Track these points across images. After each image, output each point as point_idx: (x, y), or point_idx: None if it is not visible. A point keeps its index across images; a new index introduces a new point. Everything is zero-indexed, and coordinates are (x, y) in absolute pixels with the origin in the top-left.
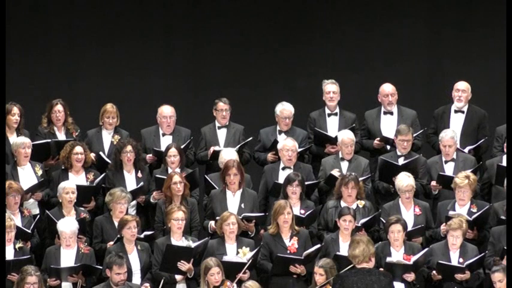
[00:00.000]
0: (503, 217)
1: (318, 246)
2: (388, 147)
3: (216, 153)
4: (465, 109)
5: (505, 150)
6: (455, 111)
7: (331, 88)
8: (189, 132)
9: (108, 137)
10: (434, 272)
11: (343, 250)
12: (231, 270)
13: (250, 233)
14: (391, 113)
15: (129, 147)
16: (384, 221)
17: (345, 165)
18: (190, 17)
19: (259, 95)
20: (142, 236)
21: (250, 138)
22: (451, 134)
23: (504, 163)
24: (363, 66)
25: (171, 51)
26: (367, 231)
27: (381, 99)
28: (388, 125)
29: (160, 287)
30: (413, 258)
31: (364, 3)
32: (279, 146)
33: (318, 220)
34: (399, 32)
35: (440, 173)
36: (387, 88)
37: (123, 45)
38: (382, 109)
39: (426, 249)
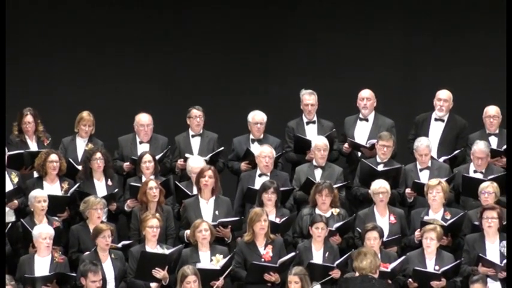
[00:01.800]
0: (476, 223)
1: (293, 254)
2: (359, 154)
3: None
4: (445, 118)
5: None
6: (436, 120)
7: (308, 99)
8: (166, 140)
9: (82, 145)
10: (410, 279)
11: (316, 258)
12: (205, 277)
13: (226, 239)
14: (367, 120)
15: (98, 154)
16: (359, 229)
17: (318, 172)
18: (167, 26)
19: (234, 104)
20: (120, 245)
21: (222, 148)
22: (426, 142)
23: (471, 172)
24: (342, 72)
25: (147, 59)
26: (341, 237)
27: (358, 103)
28: (362, 132)
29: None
30: (392, 265)
31: (341, 10)
32: (256, 153)
33: (293, 228)
34: (376, 39)
35: (416, 180)
36: (363, 93)
37: (99, 52)
38: (360, 115)
39: (403, 257)
